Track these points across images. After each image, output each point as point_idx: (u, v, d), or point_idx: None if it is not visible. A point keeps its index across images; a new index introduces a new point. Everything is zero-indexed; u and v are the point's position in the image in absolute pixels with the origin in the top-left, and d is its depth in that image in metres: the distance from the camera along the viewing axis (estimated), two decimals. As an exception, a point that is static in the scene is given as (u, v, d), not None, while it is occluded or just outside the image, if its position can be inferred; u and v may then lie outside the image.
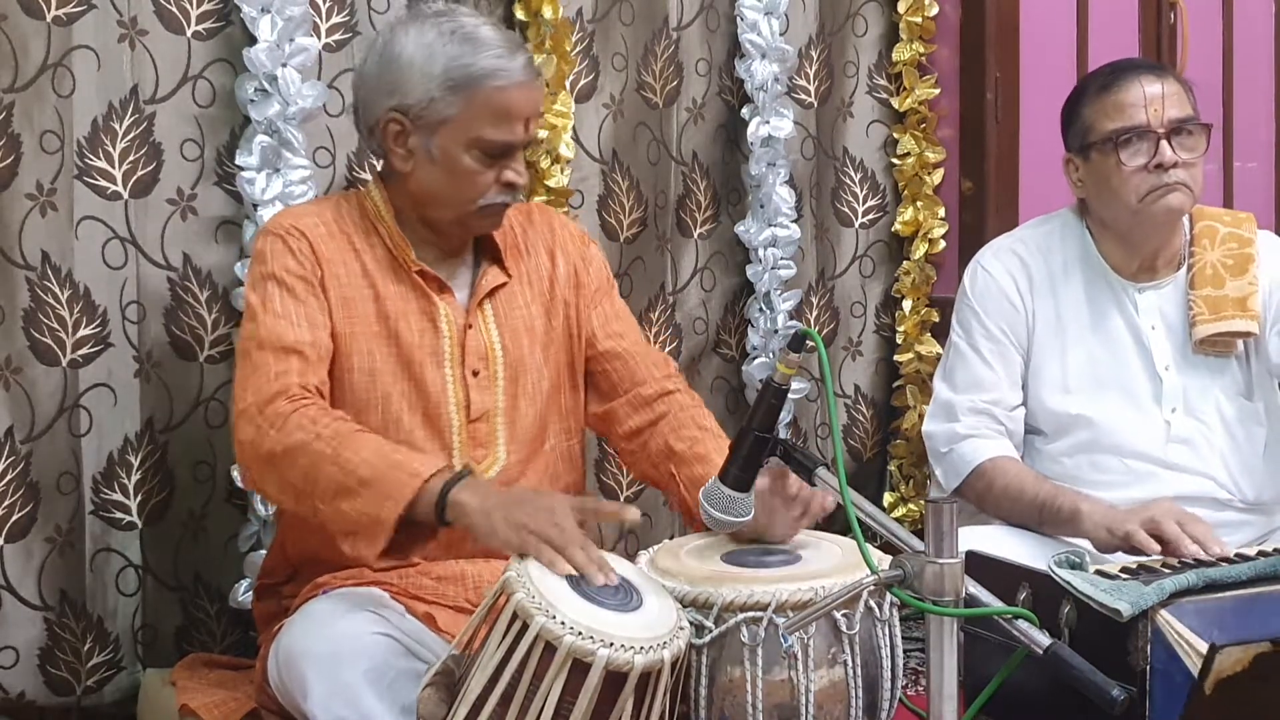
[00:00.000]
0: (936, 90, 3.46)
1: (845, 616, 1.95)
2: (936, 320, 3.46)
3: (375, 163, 2.50)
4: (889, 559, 1.76)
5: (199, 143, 2.57)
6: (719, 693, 1.94)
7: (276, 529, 2.40)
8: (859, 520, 1.83)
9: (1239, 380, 2.66)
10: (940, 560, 1.70)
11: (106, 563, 2.51)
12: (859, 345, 3.50)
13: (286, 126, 2.55)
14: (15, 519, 2.39)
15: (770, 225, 3.24)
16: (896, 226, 3.49)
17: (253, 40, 2.53)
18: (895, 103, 3.47)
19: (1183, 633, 2.03)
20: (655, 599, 1.90)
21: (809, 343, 1.93)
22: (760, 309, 3.28)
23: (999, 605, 1.75)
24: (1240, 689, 1.88)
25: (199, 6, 2.55)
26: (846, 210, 3.46)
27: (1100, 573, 2.19)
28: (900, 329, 3.49)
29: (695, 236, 3.23)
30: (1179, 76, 2.67)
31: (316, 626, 2.02)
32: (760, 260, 3.25)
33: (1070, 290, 2.68)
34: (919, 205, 3.46)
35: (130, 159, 2.50)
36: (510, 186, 2.22)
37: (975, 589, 1.74)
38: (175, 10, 2.53)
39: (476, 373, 2.25)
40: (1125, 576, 2.18)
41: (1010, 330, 2.67)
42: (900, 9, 3.43)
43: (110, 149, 2.47)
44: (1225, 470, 2.62)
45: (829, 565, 2.02)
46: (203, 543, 2.61)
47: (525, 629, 1.78)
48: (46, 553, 2.43)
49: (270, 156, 2.55)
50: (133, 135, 2.50)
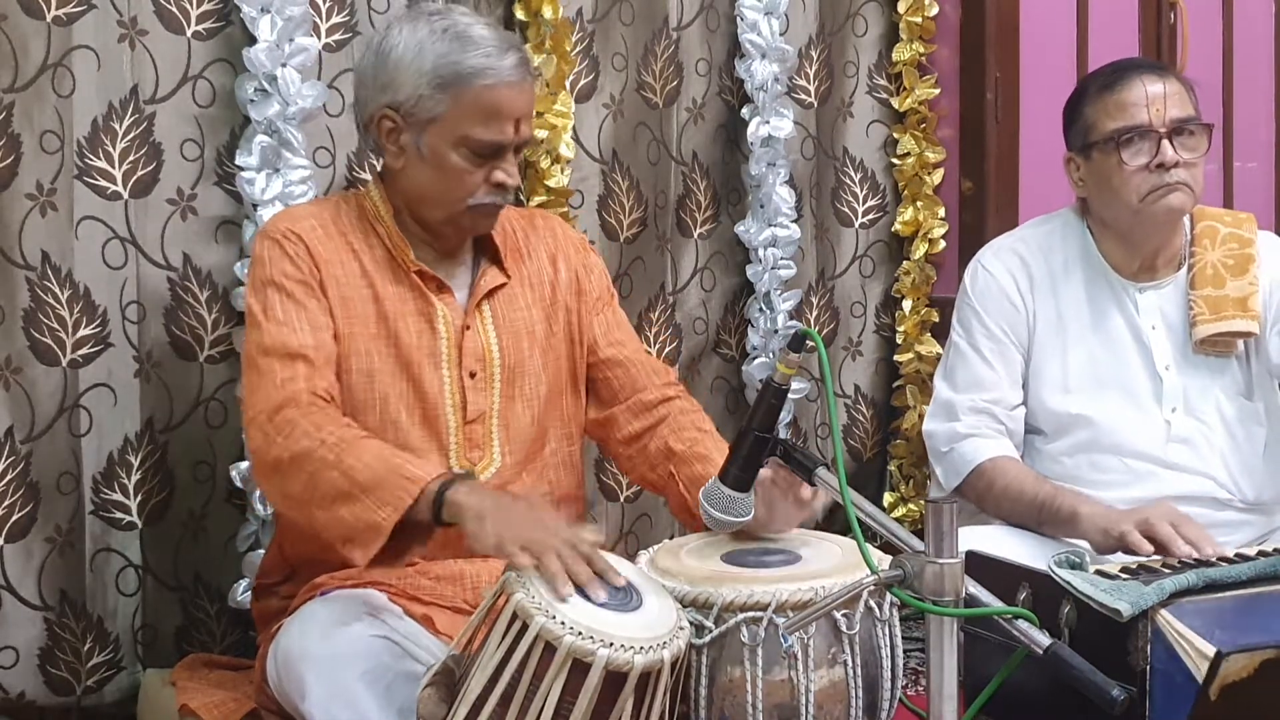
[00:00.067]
0: (936, 90, 3.46)
1: (845, 616, 1.95)
2: (936, 320, 3.46)
3: (375, 162, 2.50)
4: (889, 559, 1.76)
5: (199, 143, 2.57)
6: (719, 693, 1.94)
7: (275, 529, 2.40)
8: (859, 520, 1.83)
9: (1239, 380, 2.66)
10: (940, 560, 1.70)
11: (106, 563, 2.51)
12: (859, 345, 3.50)
13: (286, 126, 2.55)
14: (15, 519, 2.39)
15: (770, 225, 3.24)
16: (896, 226, 3.49)
17: (253, 40, 2.53)
18: (895, 103, 3.47)
19: (1183, 633, 2.03)
20: (655, 599, 1.89)
21: (809, 343, 1.93)
22: (760, 309, 3.28)
23: (999, 605, 1.75)
24: (1245, 695, 1.88)
25: (199, 6, 2.55)
26: (846, 210, 3.46)
27: (1100, 573, 2.19)
28: (900, 329, 3.48)
29: (695, 236, 3.23)
30: (1181, 76, 2.67)
31: (315, 629, 2.02)
32: (760, 260, 3.25)
33: (1071, 290, 2.67)
34: (919, 205, 3.46)
35: (130, 159, 2.50)
36: (500, 187, 2.21)
37: (975, 589, 1.74)
38: (175, 10, 2.53)
39: (474, 374, 2.25)
40: (1125, 576, 2.17)
41: (1011, 329, 2.67)
42: (900, 9, 3.43)
43: (110, 149, 2.47)
44: (1225, 470, 2.62)
45: (829, 565, 2.02)
46: (202, 543, 2.61)
47: (525, 629, 1.78)
48: (46, 553, 2.43)
49: (270, 156, 2.55)
50: (133, 135, 2.50)
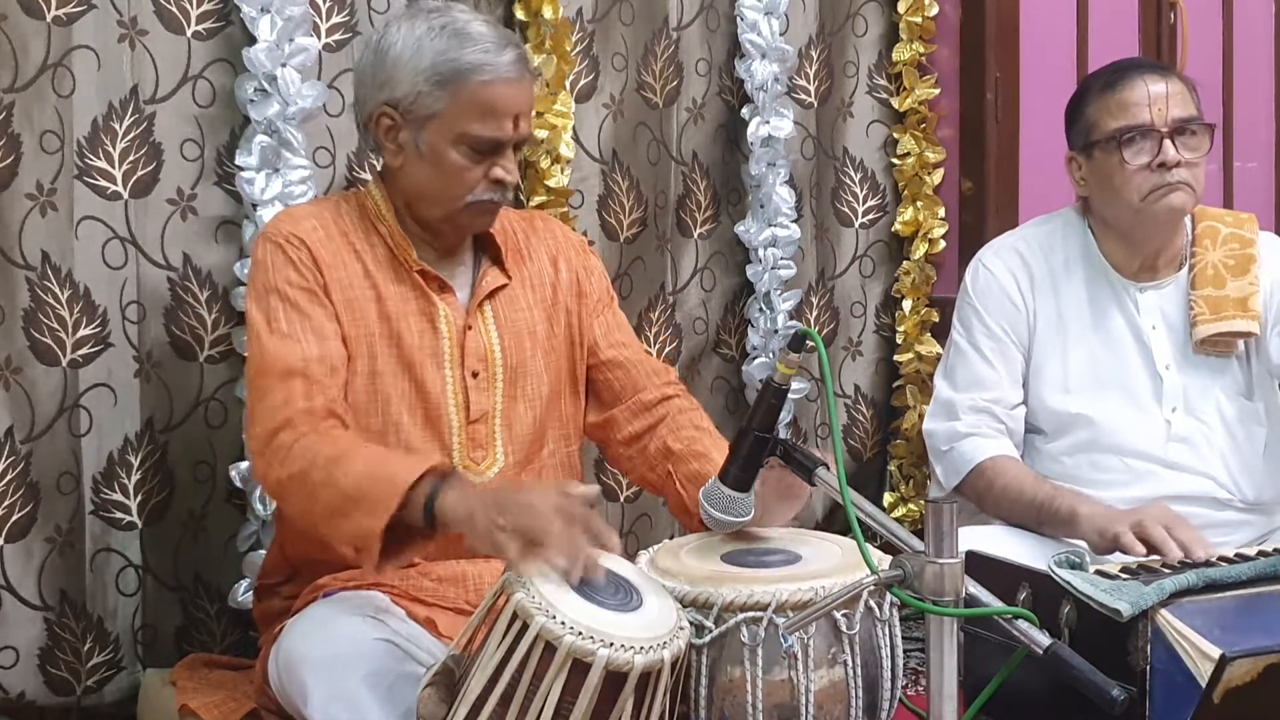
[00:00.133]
0: (936, 90, 3.46)
1: (845, 616, 1.95)
2: (936, 320, 3.46)
3: (375, 162, 2.50)
4: (889, 559, 1.76)
5: (199, 143, 2.57)
6: (719, 693, 1.94)
7: (275, 530, 2.40)
8: (859, 520, 1.83)
9: (1239, 380, 2.66)
10: (940, 560, 1.70)
11: (106, 563, 2.51)
12: (859, 345, 3.50)
13: (286, 126, 2.55)
14: (15, 519, 2.39)
15: (770, 225, 3.24)
16: (896, 226, 3.49)
17: (253, 40, 2.53)
18: (895, 103, 3.47)
19: (1183, 632, 2.03)
20: (655, 599, 1.89)
21: (809, 343, 1.93)
22: (760, 309, 3.28)
23: (999, 605, 1.75)
24: (1249, 699, 1.88)
25: (199, 6, 2.55)
26: (846, 210, 3.46)
27: (1100, 573, 2.19)
28: (900, 329, 3.49)
29: (695, 236, 3.23)
30: (1183, 76, 2.66)
31: (317, 631, 2.02)
32: (760, 260, 3.25)
33: (1071, 289, 2.68)
34: (919, 205, 3.46)
35: (130, 159, 2.50)
36: (499, 184, 2.21)
37: (975, 589, 1.74)
38: (175, 10, 2.53)
39: (476, 374, 2.25)
40: (1125, 576, 2.17)
41: (1011, 329, 2.67)
42: (900, 9, 3.43)
43: (110, 149, 2.47)
44: (1225, 470, 2.62)
45: (829, 565, 2.02)
46: (203, 543, 2.61)
47: (525, 629, 1.78)
48: (46, 553, 2.43)
49: (270, 156, 2.55)
50: (133, 135, 2.50)
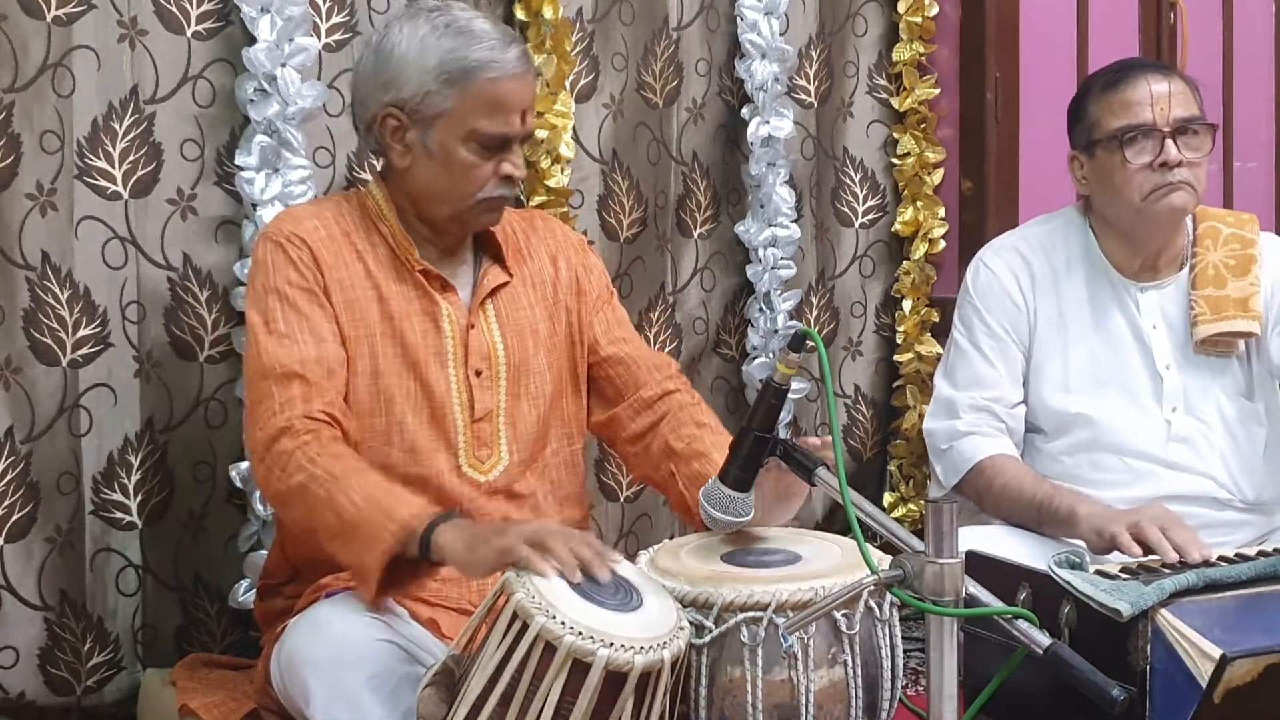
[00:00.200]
0: (936, 90, 3.46)
1: (845, 616, 1.95)
2: (936, 320, 3.46)
3: (375, 162, 2.50)
4: (889, 559, 1.76)
5: (199, 143, 2.57)
6: (719, 693, 1.94)
7: (276, 531, 2.39)
8: (859, 520, 1.82)
9: (1240, 380, 2.66)
10: (940, 560, 1.70)
11: (106, 563, 2.51)
12: (859, 345, 3.50)
13: (286, 126, 2.55)
14: (15, 519, 2.39)
15: (770, 225, 3.24)
16: (896, 226, 3.48)
17: (252, 40, 2.53)
18: (895, 103, 3.47)
19: (1183, 632, 2.03)
20: (655, 599, 1.89)
21: (809, 343, 1.93)
22: (760, 309, 3.28)
23: (999, 605, 1.75)
24: (1249, 699, 1.88)
25: (199, 6, 2.55)
26: (846, 210, 3.46)
27: (1100, 573, 2.19)
28: (900, 329, 3.48)
29: (695, 236, 3.22)
30: (1185, 76, 2.66)
31: (319, 632, 2.01)
32: (760, 260, 3.25)
33: (1072, 288, 2.68)
34: (919, 205, 3.46)
35: (130, 159, 2.50)
36: (508, 179, 2.22)
37: (975, 589, 1.74)
38: (175, 10, 2.53)
39: (479, 373, 2.25)
40: (1125, 576, 2.17)
41: (1012, 328, 2.67)
42: (900, 9, 3.43)
43: (110, 149, 2.47)
44: (1225, 470, 2.62)
45: (829, 565, 2.02)
46: (203, 543, 2.61)
47: (525, 629, 1.78)
48: (46, 553, 2.43)
49: (270, 156, 2.55)
50: (133, 135, 2.50)
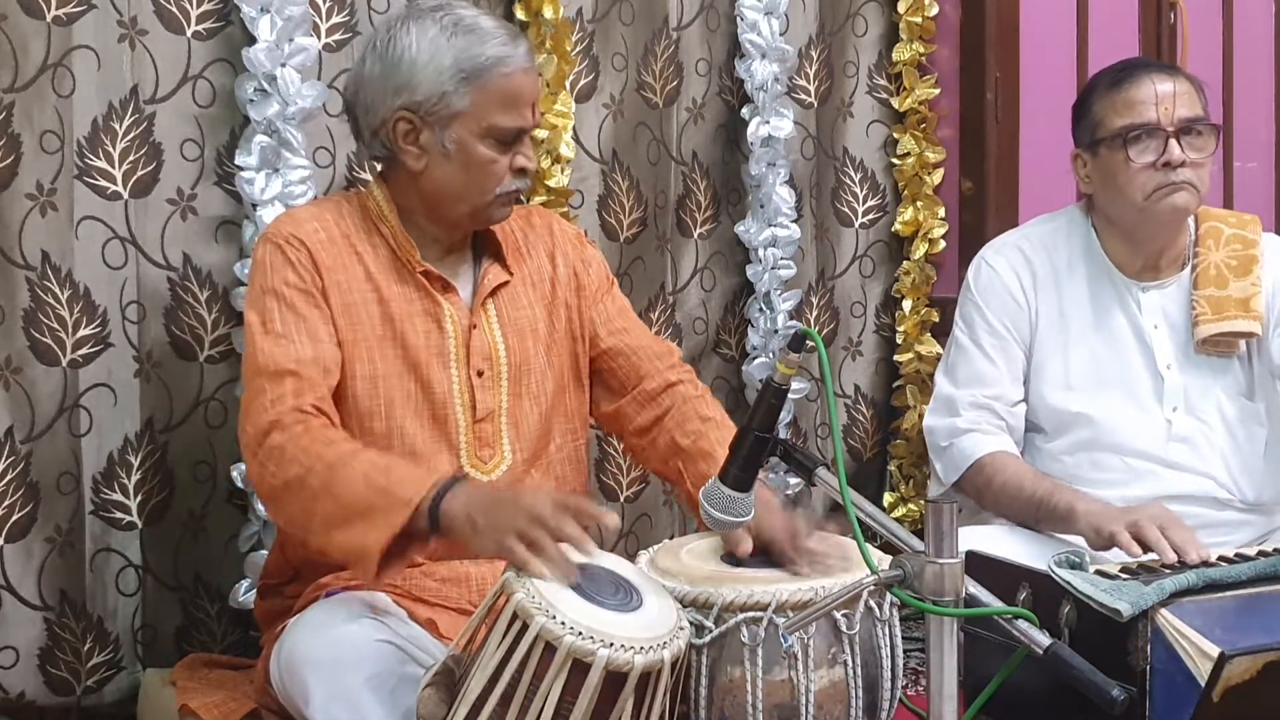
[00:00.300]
0: (936, 90, 3.46)
1: (845, 616, 1.95)
2: (936, 320, 3.46)
3: (376, 163, 2.50)
4: (889, 559, 1.76)
5: (199, 143, 2.57)
6: (719, 693, 1.94)
7: (276, 531, 2.40)
8: (859, 520, 1.82)
9: (1240, 380, 2.66)
10: (940, 560, 1.70)
11: (106, 563, 2.51)
12: (859, 345, 3.50)
13: (286, 126, 2.55)
14: (15, 519, 2.39)
15: (770, 225, 3.24)
16: (896, 226, 3.48)
17: (252, 40, 2.53)
18: (895, 103, 3.47)
19: (1183, 632, 2.03)
20: (655, 599, 1.89)
21: (809, 343, 1.93)
22: (760, 309, 3.28)
23: (999, 605, 1.75)
24: (1248, 697, 1.88)
25: (199, 6, 2.55)
26: (846, 210, 3.46)
27: (1100, 573, 2.19)
28: (900, 329, 3.48)
29: (695, 236, 3.23)
30: (1190, 76, 2.66)
31: (318, 632, 2.01)
32: (760, 260, 3.25)
33: (1074, 287, 2.68)
34: (919, 205, 3.46)
35: (130, 159, 2.50)
36: (522, 172, 2.25)
37: (975, 589, 1.74)
38: (175, 10, 2.53)
39: (481, 373, 2.25)
40: (1125, 576, 2.18)
41: (1013, 326, 2.67)
42: (900, 9, 3.43)
43: (110, 149, 2.47)
44: (1225, 470, 2.62)
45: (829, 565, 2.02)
46: (203, 543, 2.61)
47: (525, 629, 1.78)
48: (46, 553, 2.43)
49: (270, 156, 2.55)
50: (133, 135, 2.49)
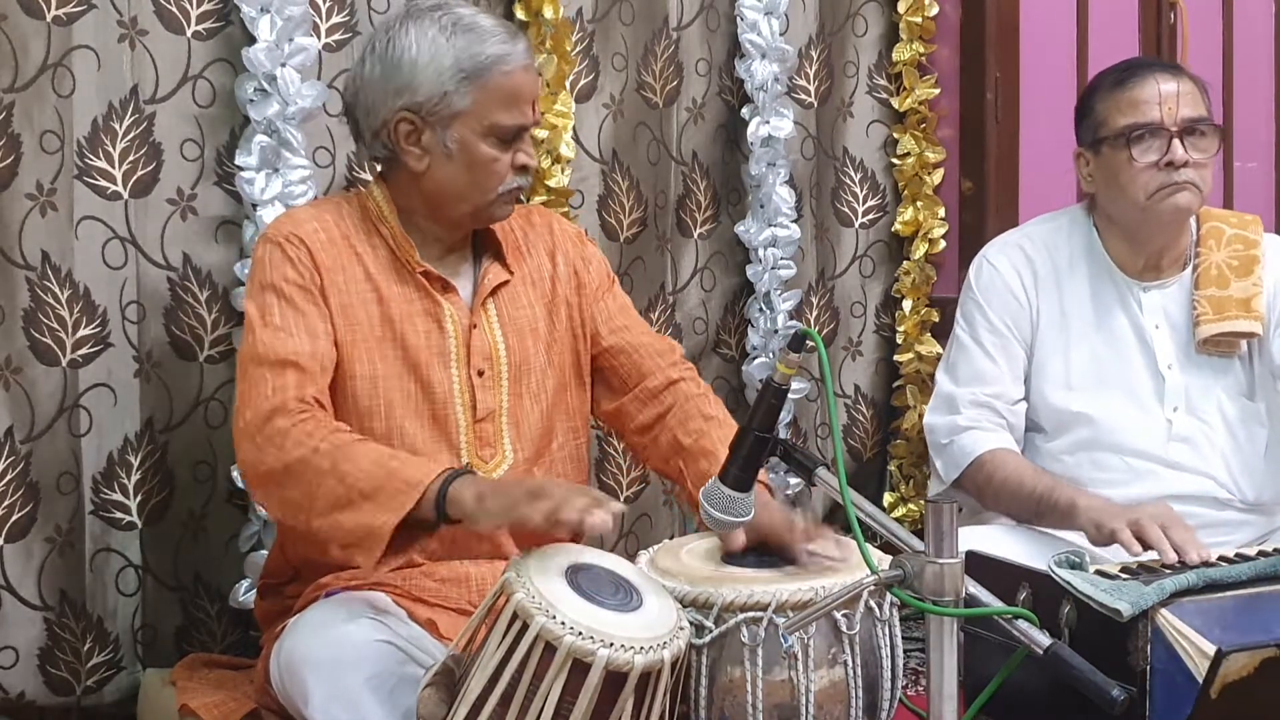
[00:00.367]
0: (936, 90, 3.46)
1: (845, 616, 1.95)
2: (937, 320, 3.46)
3: (375, 164, 2.50)
4: (889, 559, 1.76)
5: (199, 143, 2.57)
6: (719, 693, 1.94)
7: (276, 531, 2.39)
8: (859, 520, 1.82)
9: (1241, 380, 2.66)
10: (940, 560, 1.70)
11: (106, 563, 2.51)
12: (859, 345, 3.50)
13: (286, 126, 2.55)
14: (15, 519, 2.39)
15: (770, 225, 3.24)
16: (896, 226, 3.48)
17: (252, 40, 2.53)
18: (895, 103, 3.47)
19: (1183, 632, 2.03)
20: (655, 599, 1.89)
21: (809, 343, 1.93)
22: (760, 309, 3.28)
23: (999, 605, 1.75)
24: (1246, 693, 1.88)
25: (199, 6, 2.55)
26: (846, 210, 3.46)
27: (1100, 573, 2.19)
28: (900, 329, 3.48)
29: (695, 236, 3.23)
30: (1194, 76, 2.66)
31: (319, 632, 2.01)
32: (760, 260, 3.25)
33: (1075, 287, 2.68)
34: (919, 205, 3.46)
35: (130, 159, 2.50)
36: (524, 169, 2.25)
37: (975, 589, 1.74)
38: (175, 10, 2.53)
39: (482, 372, 2.25)
40: (1125, 576, 2.18)
41: (1014, 324, 2.67)
42: (900, 9, 3.43)
43: (110, 149, 2.47)
44: (1226, 470, 2.62)
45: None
46: (203, 543, 2.61)
47: (525, 629, 1.78)
48: (46, 553, 2.43)
49: (270, 156, 2.55)
50: (133, 135, 2.49)
